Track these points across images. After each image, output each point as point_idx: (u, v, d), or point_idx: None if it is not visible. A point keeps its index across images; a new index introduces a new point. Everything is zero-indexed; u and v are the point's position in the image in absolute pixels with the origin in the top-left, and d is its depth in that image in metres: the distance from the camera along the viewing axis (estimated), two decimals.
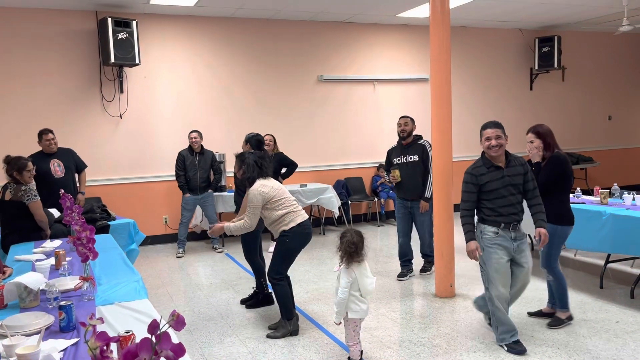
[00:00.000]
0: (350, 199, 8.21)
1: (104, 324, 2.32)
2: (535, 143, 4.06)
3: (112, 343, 1.12)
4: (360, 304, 3.33)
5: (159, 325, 1.05)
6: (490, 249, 3.54)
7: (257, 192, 3.87)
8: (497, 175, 3.52)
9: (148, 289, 5.34)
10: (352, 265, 3.33)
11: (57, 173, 5.61)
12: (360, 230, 3.44)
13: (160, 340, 1.01)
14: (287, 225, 3.92)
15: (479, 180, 3.52)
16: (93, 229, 2.68)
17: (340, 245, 3.37)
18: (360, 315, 3.35)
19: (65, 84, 6.90)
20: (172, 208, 7.43)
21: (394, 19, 8.18)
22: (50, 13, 6.77)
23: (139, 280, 2.99)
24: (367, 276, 3.35)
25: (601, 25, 9.30)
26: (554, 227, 3.84)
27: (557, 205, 3.89)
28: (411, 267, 5.48)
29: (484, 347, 3.71)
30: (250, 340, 3.97)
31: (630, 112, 10.53)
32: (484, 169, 3.55)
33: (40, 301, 2.62)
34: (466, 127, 8.98)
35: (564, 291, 4.01)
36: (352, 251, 3.32)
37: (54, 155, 5.68)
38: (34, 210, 4.19)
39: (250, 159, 3.98)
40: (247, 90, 7.81)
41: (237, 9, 7.21)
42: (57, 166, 5.64)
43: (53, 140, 5.67)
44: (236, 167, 4.06)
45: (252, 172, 3.95)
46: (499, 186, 3.50)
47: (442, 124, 4.74)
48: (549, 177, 3.90)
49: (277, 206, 3.92)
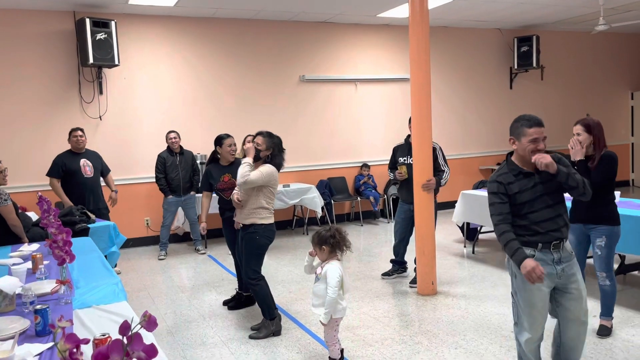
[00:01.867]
0: (333, 198, 8.22)
1: (81, 328, 2.30)
2: (581, 137, 3.60)
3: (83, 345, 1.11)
4: (343, 302, 3.31)
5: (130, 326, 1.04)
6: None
7: (271, 172, 3.91)
8: (528, 183, 2.76)
9: (129, 292, 5.31)
10: (338, 262, 3.29)
11: (87, 173, 5.76)
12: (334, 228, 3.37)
13: (132, 342, 1.00)
14: (260, 219, 3.96)
15: (508, 189, 2.78)
16: (69, 231, 2.65)
17: (320, 242, 3.27)
18: (343, 314, 3.33)
19: (43, 86, 6.80)
20: (153, 210, 7.36)
21: (374, 19, 8.21)
22: (27, 13, 6.66)
23: (118, 282, 2.96)
24: (345, 274, 3.34)
25: (578, 24, 9.45)
26: (610, 229, 3.60)
27: (611, 205, 3.64)
28: (399, 268, 5.39)
29: (465, 343, 3.75)
30: (232, 342, 3.96)
31: (607, 109, 10.71)
32: (511, 177, 2.80)
33: (16, 305, 2.58)
34: (447, 126, 9.05)
35: (614, 298, 3.76)
36: (340, 239, 3.27)
37: (83, 155, 5.84)
38: (5, 215, 4.10)
39: (278, 141, 4.04)
40: (229, 91, 7.78)
41: (217, 9, 7.18)
42: (87, 166, 5.78)
43: (81, 138, 5.81)
44: (260, 139, 3.98)
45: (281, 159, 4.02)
46: (531, 197, 2.74)
47: (422, 124, 4.77)
48: (607, 177, 3.57)
49: (265, 197, 3.95)
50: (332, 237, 3.27)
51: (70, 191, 5.73)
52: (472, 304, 4.54)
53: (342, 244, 3.30)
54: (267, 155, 4.00)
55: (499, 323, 4.09)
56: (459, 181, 9.11)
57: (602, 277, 3.70)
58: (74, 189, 5.69)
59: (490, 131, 9.68)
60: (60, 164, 5.74)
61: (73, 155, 5.82)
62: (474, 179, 8.83)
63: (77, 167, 5.73)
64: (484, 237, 6.81)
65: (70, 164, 5.72)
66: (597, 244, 3.65)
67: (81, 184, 5.71)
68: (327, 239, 3.27)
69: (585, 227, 3.71)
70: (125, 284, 5.60)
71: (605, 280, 3.69)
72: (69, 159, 5.76)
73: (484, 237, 6.83)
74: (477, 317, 4.24)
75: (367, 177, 8.49)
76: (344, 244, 3.30)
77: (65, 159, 5.77)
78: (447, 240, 6.98)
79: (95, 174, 5.87)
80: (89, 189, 5.76)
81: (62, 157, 5.79)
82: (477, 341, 3.77)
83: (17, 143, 6.69)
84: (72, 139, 5.81)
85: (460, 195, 6.36)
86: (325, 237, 3.28)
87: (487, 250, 6.44)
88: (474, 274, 5.45)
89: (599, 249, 3.64)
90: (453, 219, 6.46)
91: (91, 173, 5.80)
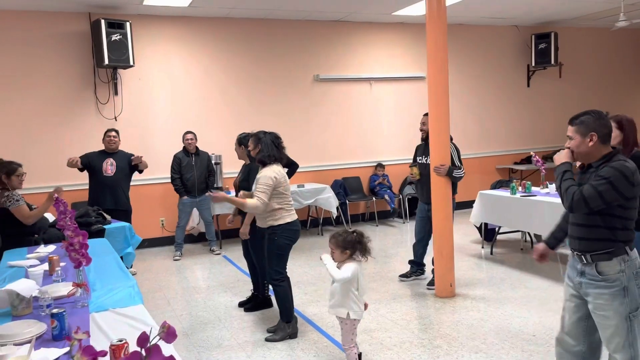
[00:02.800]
0: (348, 198, 8.16)
1: (98, 332, 2.27)
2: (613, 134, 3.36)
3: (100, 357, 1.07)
4: (360, 304, 3.24)
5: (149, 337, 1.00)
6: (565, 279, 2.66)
7: (268, 175, 3.84)
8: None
9: (145, 293, 5.29)
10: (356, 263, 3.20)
11: (107, 171, 5.80)
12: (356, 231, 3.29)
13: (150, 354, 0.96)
14: (276, 221, 3.90)
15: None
16: (86, 234, 2.63)
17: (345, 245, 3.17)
18: (360, 316, 3.26)
19: (59, 87, 6.83)
20: (168, 210, 7.36)
21: (389, 17, 8.13)
22: (43, 15, 6.70)
23: (134, 285, 2.94)
24: (363, 275, 3.28)
25: (598, 20, 9.27)
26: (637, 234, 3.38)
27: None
28: (417, 270, 5.29)
29: (485, 347, 3.66)
30: (248, 344, 3.92)
31: (628, 107, 10.48)
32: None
33: (33, 308, 2.56)
34: (464, 125, 8.93)
35: None
36: (365, 245, 3.20)
37: (112, 155, 5.89)
38: (18, 215, 4.12)
39: (267, 138, 3.98)
40: (243, 91, 7.75)
41: (232, 9, 7.16)
42: (110, 165, 5.83)
43: (114, 138, 5.89)
44: (251, 145, 4.04)
45: (270, 150, 3.93)
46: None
47: (439, 123, 4.69)
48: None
49: (276, 198, 3.88)
50: (359, 242, 3.20)
51: (92, 188, 5.84)
52: (492, 307, 4.45)
53: (365, 251, 3.22)
54: (260, 152, 3.98)
55: (520, 327, 4.00)
56: (476, 181, 8.99)
57: None
58: (94, 186, 5.79)
59: (508, 130, 9.54)
60: (88, 157, 5.85)
61: (102, 154, 5.89)
62: (491, 178, 8.71)
63: (100, 165, 5.79)
64: (502, 237, 6.70)
65: (95, 162, 5.80)
66: None
67: (100, 182, 5.76)
68: (353, 244, 3.18)
69: None
70: (141, 284, 5.60)
71: None
72: (96, 157, 5.85)
73: (502, 237, 6.71)
74: (497, 320, 4.15)
75: (382, 177, 8.41)
76: (367, 250, 3.22)
77: (94, 155, 5.88)
78: (465, 241, 6.88)
79: (118, 174, 5.83)
80: (109, 188, 5.77)
81: (93, 154, 5.90)
82: (498, 345, 3.69)
83: (33, 144, 6.72)
84: (105, 139, 5.90)
85: (478, 196, 6.26)
86: (350, 241, 3.18)
87: (505, 251, 6.34)
88: (493, 276, 5.36)
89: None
90: (471, 219, 6.36)
91: (112, 172, 5.80)
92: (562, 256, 5.97)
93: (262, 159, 3.96)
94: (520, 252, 6.26)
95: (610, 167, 2.37)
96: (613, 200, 2.35)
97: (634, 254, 2.43)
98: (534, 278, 5.20)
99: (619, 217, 2.39)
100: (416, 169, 5.06)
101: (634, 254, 2.43)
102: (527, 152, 8.77)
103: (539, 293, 4.73)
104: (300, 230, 4.08)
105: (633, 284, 2.39)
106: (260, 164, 4.00)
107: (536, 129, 9.76)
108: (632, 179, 2.34)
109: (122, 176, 5.91)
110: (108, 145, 5.89)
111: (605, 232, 2.41)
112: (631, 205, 2.40)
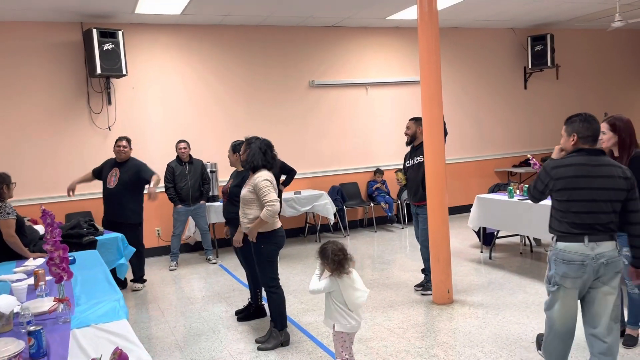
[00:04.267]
0: (345, 204, 8.08)
1: (78, 350, 2.20)
2: (605, 136, 3.38)
3: None
4: (348, 318, 3.09)
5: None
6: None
7: (263, 178, 3.81)
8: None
9: (139, 304, 5.25)
10: (339, 277, 3.09)
11: (110, 183, 5.68)
12: (338, 243, 3.19)
13: None
14: (263, 229, 3.83)
15: None
16: (66, 247, 2.56)
17: (324, 259, 3.12)
18: (347, 329, 3.11)
19: (52, 97, 6.78)
20: (164, 220, 7.30)
21: (384, 22, 8.09)
22: (34, 26, 6.66)
23: (120, 299, 2.87)
24: (356, 288, 3.08)
25: (594, 22, 9.22)
26: None
27: None
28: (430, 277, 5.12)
29: (483, 355, 3.58)
30: (241, 356, 3.84)
31: (626, 108, 10.41)
32: None
33: (13, 325, 2.50)
34: (460, 128, 8.88)
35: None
36: (342, 258, 3.08)
37: (120, 165, 5.72)
38: (4, 227, 4.04)
39: (257, 145, 3.96)
40: (238, 98, 7.71)
41: (225, 16, 7.11)
42: (114, 176, 5.68)
43: (124, 148, 5.71)
44: (242, 150, 4.09)
45: (258, 157, 3.91)
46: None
47: (433, 126, 4.62)
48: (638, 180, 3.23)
49: (260, 207, 3.83)
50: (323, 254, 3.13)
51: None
52: (490, 313, 4.37)
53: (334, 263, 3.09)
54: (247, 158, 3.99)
55: (519, 333, 3.92)
56: (474, 184, 8.93)
57: (630, 285, 3.53)
58: (103, 196, 5.74)
59: (506, 133, 9.48)
60: (102, 166, 5.81)
61: (111, 163, 5.78)
62: (489, 181, 8.62)
63: (106, 176, 5.71)
64: (501, 242, 6.62)
65: (105, 171, 5.74)
66: (623, 252, 3.48)
67: (104, 194, 5.71)
68: (324, 256, 3.13)
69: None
70: (136, 295, 5.56)
71: (634, 289, 3.53)
72: (107, 166, 5.77)
73: (501, 241, 6.63)
74: (495, 327, 4.07)
75: (381, 182, 8.34)
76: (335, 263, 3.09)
77: (108, 164, 5.80)
78: (463, 246, 6.80)
79: (119, 186, 5.58)
80: (108, 200, 5.69)
81: (108, 162, 5.82)
82: (497, 353, 3.61)
83: (25, 155, 6.67)
84: (115, 148, 5.76)
85: (476, 199, 6.19)
86: (321, 252, 3.15)
87: (504, 255, 6.25)
88: (492, 281, 5.27)
89: (625, 258, 3.47)
90: (469, 223, 6.28)
91: (114, 184, 5.62)
92: None
93: (249, 165, 3.94)
94: (520, 256, 6.17)
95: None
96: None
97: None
98: (533, 282, 5.12)
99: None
100: (401, 174, 5.13)
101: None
102: (526, 155, 8.69)
103: (538, 298, 4.65)
104: (285, 236, 4.05)
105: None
106: (249, 170, 3.98)
107: (534, 131, 9.69)
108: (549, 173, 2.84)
109: (124, 189, 5.59)
110: (117, 155, 5.73)
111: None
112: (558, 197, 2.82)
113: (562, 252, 2.75)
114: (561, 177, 2.74)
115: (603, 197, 2.70)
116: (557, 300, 2.80)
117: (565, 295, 2.77)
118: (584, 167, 2.72)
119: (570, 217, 2.73)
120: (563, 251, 2.75)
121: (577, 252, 2.71)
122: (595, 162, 2.73)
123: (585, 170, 2.71)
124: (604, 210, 2.71)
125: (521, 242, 6.48)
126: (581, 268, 2.71)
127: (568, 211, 2.74)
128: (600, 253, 2.72)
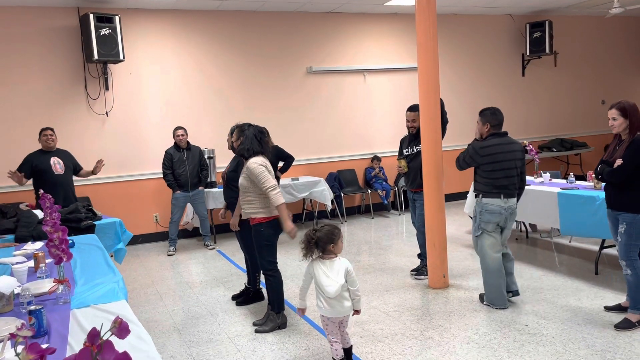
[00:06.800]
0: (343, 191, 8.12)
1: (78, 328, 2.23)
2: (617, 122, 3.55)
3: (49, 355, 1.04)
4: (325, 302, 3.09)
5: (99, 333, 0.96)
6: None
7: (257, 164, 3.81)
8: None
9: (137, 288, 5.29)
10: (316, 261, 3.14)
11: (57, 170, 5.69)
12: (330, 226, 3.19)
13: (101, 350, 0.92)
14: (262, 214, 3.87)
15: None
16: (65, 229, 2.59)
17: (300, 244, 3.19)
18: (324, 313, 3.12)
19: (49, 83, 6.77)
20: (162, 206, 7.33)
21: (381, 8, 8.06)
22: (31, 10, 6.63)
23: (119, 281, 2.90)
24: (327, 276, 3.09)
25: (592, 8, 9.20)
26: (632, 216, 3.49)
27: (634, 193, 3.48)
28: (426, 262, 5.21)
29: (477, 337, 3.64)
30: (239, 338, 3.90)
31: (623, 95, 10.43)
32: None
33: (14, 306, 2.53)
34: (457, 115, 8.89)
35: (639, 289, 3.59)
36: (307, 244, 3.12)
37: (54, 154, 5.75)
38: None
39: (250, 131, 3.96)
40: (235, 84, 7.70)
41: (222, 2, 7.09)
42: (57, 164, 5.71)
43: (51, 137, 5.72)
44: (234, 137, 4.10)
45: (251, 143, 3.91)
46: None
47: (430, 113, 4.64)
48: (632, 161, 3.44)
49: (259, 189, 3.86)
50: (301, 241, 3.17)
51: (42, 189, 5.38)
52: None
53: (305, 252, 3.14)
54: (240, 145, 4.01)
55: (512, 316, 3.98)
56: (470, 171, 8.93)
57: (623, 265, 3.61)
58: (45, 186, 5.37)
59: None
60: (30, 162, 5.65)
61: (43, 153, 5.70)
62: None
63: (47, 165, 5.61)
64: None
65: (41, 163, 5.61)
66: (618, 231, 3.59)
67: (52, 182, 5.57)
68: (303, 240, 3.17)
69: (613, 213, 3.68)
70: (134, 280, 5.60)
71: (627, 270, 3.60)
72: (39, 158, 5.65)
73: None
74: (489, 311, 4.12)
75: (379, 169, 8.36)
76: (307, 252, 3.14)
77: (35, 157, 5.68)
78: (460, 232, 6.84)
79: (67, 172, 5.73)
80: (60, 187, 5.64)
81: (33, 156, 5.69)
82: (490, 335, 3.66)
83: (23, 141, 6.66)
84: (42, 138, 5.70)
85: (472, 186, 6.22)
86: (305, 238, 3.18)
87: None
88: None
89: (620, 236, 3.59)
90: (465, 210, 6.32)
91: (62, 170, 5.68)
92: (557, 245, 5.95)
93: (242, 152, 3.95)
94: (516, 242, 6.22)
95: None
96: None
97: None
98: (528, 267, 5.18)
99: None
100: (404, 162, 5.06)
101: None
102: (522, 142, 8.72)
103: (532, 283, 4.70)
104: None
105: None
106: (242, 156, 4.00)
107: (532, 119, 9.71)
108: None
109: (69, 174, 5.81)
110: (46, 145, 5.68)
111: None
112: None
113: (486, 204, 4.03)
114: (486, 155, 4.00)
115: (511, 166, 3.99)
116: (483, 240, 4.10)
117: (488, 236, 4.08)
118: (499, 147, 3.99)
119: (492, 182, 4.00)
120: (487, 204, 4.03)
121: (497, 205, 4.00)
122: (506, 142, 4.03)
123: (501, 149, 3.99)
124: (512, 175, 4.00)
125: (517, 228, 6.53)
126: (499, 216, 4.01)
127: (490, 177, 3.99)
128: (509, 206, 4.01)
